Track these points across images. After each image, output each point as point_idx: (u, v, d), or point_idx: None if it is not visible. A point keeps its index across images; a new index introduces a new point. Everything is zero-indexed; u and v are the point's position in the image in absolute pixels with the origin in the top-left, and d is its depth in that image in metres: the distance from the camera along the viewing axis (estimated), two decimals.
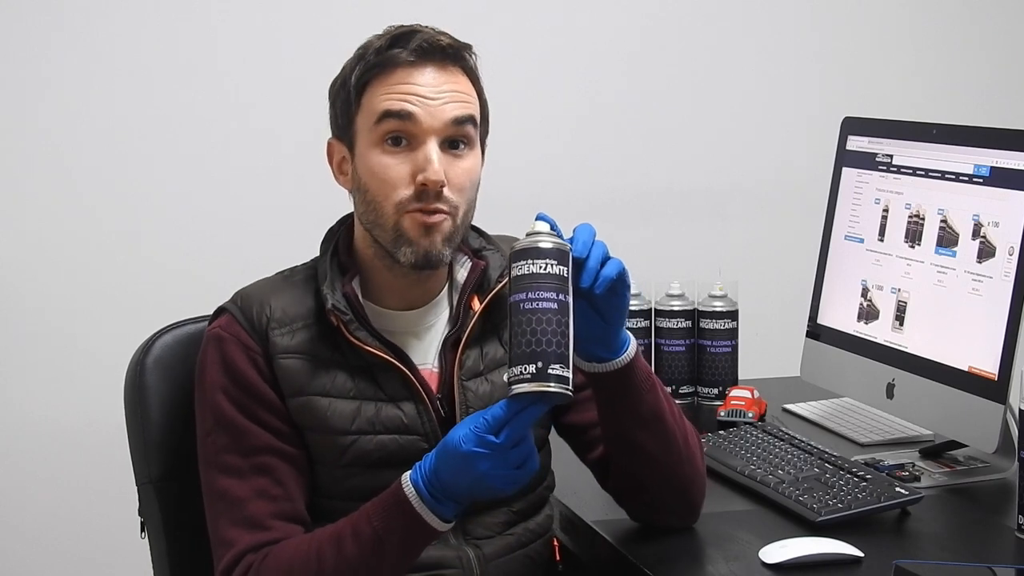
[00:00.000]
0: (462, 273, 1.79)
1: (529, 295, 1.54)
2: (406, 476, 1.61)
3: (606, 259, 1.63)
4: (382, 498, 1.62)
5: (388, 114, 1.67)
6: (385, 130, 1.68)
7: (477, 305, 1.77)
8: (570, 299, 1.56)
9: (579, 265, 1.59)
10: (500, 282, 1.77)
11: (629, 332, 1.71)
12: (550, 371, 1.52)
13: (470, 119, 1.70)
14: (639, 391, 1.71)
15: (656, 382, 1.75)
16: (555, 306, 1.53)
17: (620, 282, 1.63)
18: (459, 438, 1.56)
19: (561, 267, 1.55)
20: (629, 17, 3.13)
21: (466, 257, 1.79)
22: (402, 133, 1.68)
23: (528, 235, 1.58)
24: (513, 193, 3.01)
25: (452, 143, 1.69)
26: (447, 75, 1.70)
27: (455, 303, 1.78)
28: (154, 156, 2.87)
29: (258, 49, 2.90)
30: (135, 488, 1.88)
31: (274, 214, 2.89)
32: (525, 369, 1.52)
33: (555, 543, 1.88)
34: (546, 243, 1.56)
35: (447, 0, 2.97)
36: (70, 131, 2.82)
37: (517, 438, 1.56)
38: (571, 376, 1.54)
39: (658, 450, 1.74)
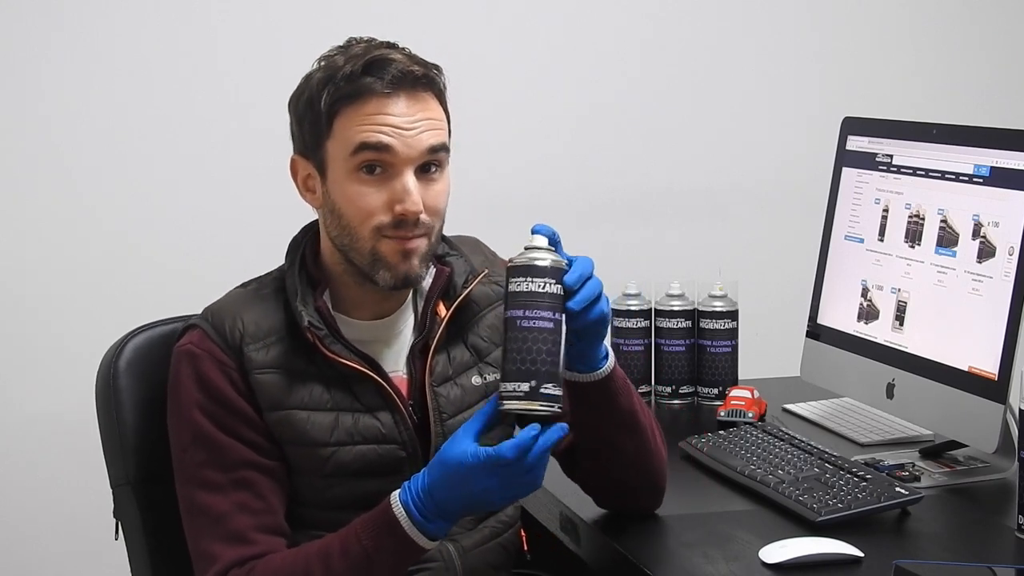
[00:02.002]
0: (427, 280, 1.80)
1: (527, 312, 1.58)
2: (395, 495, 1.63)
3: (596, 298, 1.64)
4: (371, 516, 1.64)
5: (365, 146, 1.68)
6: (361, 160, 1.69)
7: (443, 311, 1.79)
8: (563, 316, 1.60)
9: (569, 295, 1.61)
10: (466, 288, 1.79)
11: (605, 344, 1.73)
12: (542, 391, 1.58)
13: (443, 146, 1.72)
14: (617, 397, 1.74)
15: (629, 384, 1.78)
16: (551, 325, 1.58)
17: (602, 323, 1.66)
18: (461, 454, 1.58)
19: (557, 286, 1.60)
20: (629, 17, 3.13)
21: (428, 266, 1.79)
22: (378, 162, 1.69)
23: (527, 249, 1.61)
24: (513, 193, 3.01)
25: (424, 167, 1.71)
26: (420, 103, 1.70)
27: (421, 310, 1.80)
28: (154, 156, 2.87)
29: (258, 49, 2.90)
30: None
31: (274, 214, 2.87)
32: (518, 387, 1.57)
33: (522, 534, 1.92)
34: (544, 261, 1.60)
35: (447, 1, 2.99)
36: (70, 131, 2.82)
37: (524, 452, 1.58)
38: (560, 393, 1.60)
39: (633, 449, 1.78)
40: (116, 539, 1.88)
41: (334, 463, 1.72)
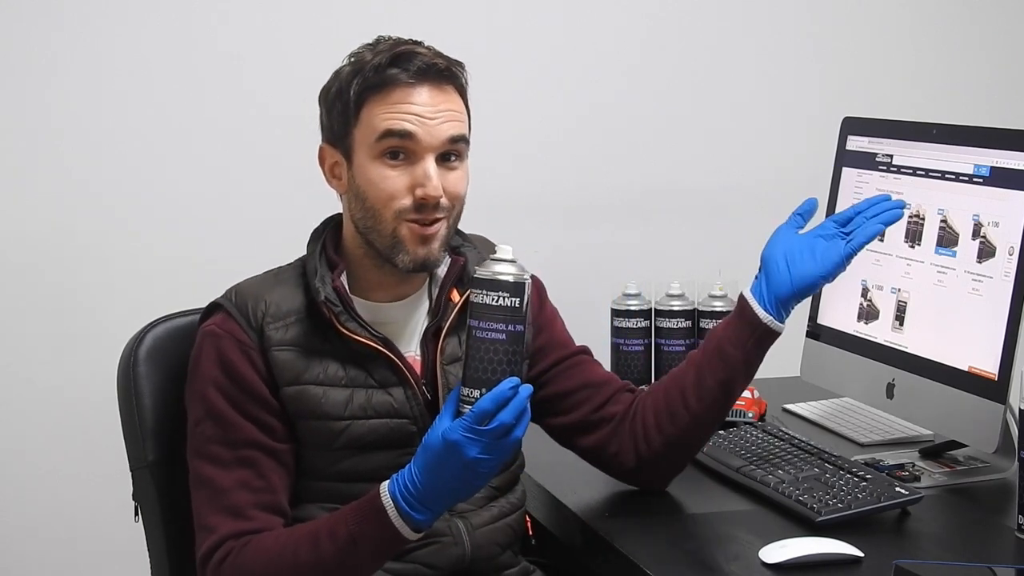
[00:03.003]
0: (442, 268, 1.89)
1: (481, 324, 1.64)
2: (384, 486, 1.69)
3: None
4: (360, 503, 1.71)
5: (389, 133, 1.77)
6: (386, 146, 1.79)
7: (457, 297, 1.88)
8: (523, 326, 1.65)
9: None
10: None
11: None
12: None
13: (462, 137, 1.82)
14: (756, 356, 1.92)
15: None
16: (504, 337, 1.64)
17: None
18: (441, 431, 1.64)
19: (514, 299, 1.64)
20: (629, 17, 3.13)
21: (445, 254, 1.87)
22: (401, 149, 1.78)
23: (491, 259, 1.67)
24: (513, 193, 3.01)
25: (445, 155, 1.80)
26: (443, 95, 1.80)
27: (435, 296, 1.88)
28: (169, 155, 2.86)
29: (258, 49, 2.89)
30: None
31: (275, 211, 2.89)
32: (472, 393, 1.64)
33: (527, 519, 1.97)
34: (503, 276, 1.65)
35: (447, 1, 2.99)
36: (71, 130, 2.81)
37: (502, 404, 1.63)
38: None
39: (730, 400, 1.93)
40: (136, 520, 1.94)
41: (347, 436, 1.80)
